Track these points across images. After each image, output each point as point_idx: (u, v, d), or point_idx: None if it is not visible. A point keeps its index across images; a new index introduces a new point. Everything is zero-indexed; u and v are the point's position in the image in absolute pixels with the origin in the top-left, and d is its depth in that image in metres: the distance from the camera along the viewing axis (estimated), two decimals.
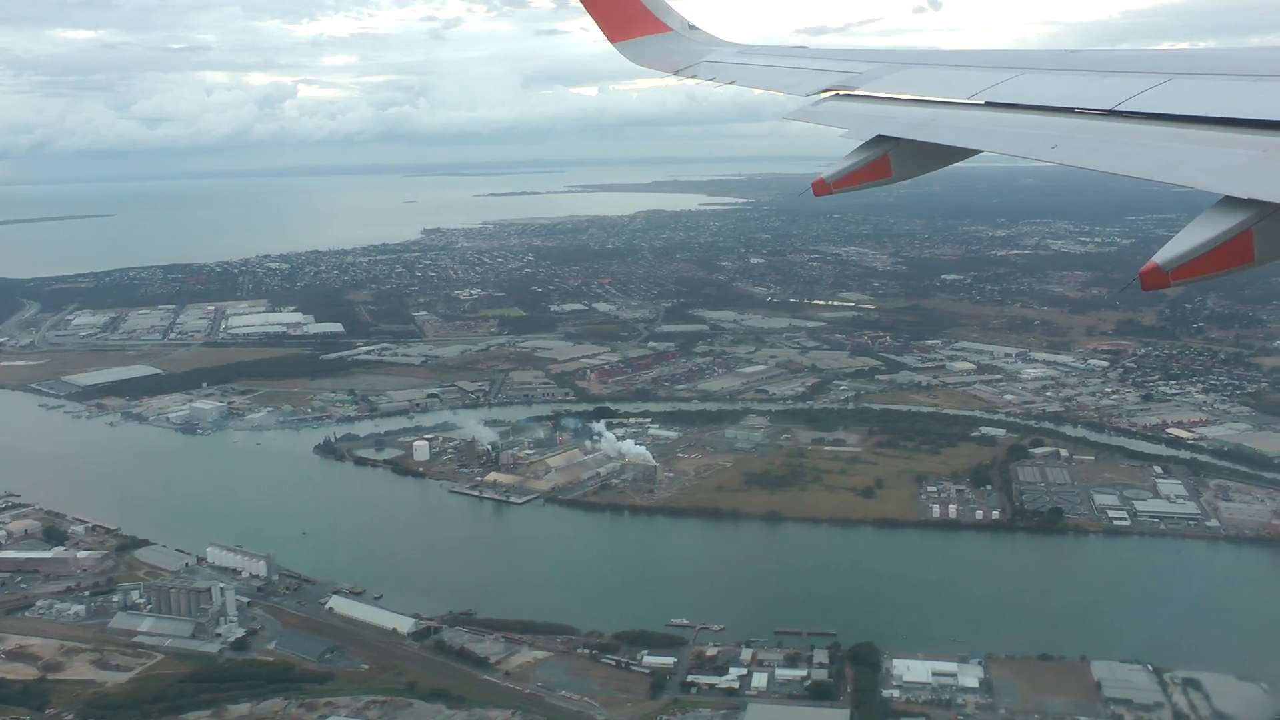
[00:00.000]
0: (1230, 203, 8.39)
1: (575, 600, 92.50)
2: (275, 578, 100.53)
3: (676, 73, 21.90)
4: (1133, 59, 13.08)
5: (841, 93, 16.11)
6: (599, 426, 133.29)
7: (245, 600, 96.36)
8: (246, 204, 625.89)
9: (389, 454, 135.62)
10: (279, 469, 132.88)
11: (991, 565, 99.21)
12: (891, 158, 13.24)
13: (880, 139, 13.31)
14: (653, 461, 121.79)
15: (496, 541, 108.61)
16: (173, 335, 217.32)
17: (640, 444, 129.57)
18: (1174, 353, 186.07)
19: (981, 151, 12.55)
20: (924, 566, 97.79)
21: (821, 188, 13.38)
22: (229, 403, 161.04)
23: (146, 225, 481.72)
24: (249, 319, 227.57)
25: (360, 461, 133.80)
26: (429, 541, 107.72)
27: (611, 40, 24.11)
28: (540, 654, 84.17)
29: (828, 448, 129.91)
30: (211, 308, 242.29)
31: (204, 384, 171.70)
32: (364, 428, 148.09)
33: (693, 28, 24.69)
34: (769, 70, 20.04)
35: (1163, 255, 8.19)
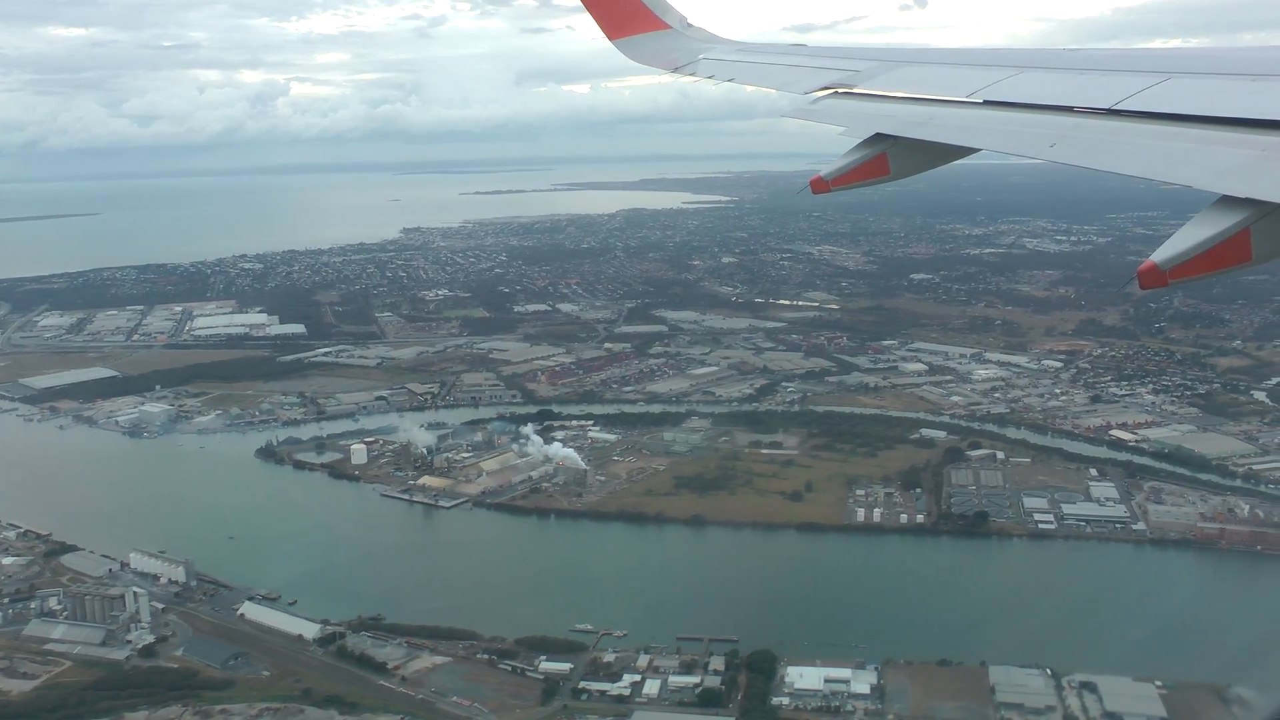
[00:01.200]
0: (1228, 202, 8.38)
1: (486, 604, 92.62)
2: (193, 583, 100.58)
3: (675, 70, 21.91)
4: (1131, 58, 13.13)
5: (840, 91, 16.14)
6: (526, 430, 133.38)
7: (161, 606, 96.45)
8: (233, 202, 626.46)
9: (329, 457, 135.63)
10: (218, 473, 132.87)
11: (907, 570, 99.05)
12: (890, 156, 13.27)
13: (879, 137, 13.38)
14: (582, 465, 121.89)
15: (418, 546, 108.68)
16: (137, 337, 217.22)
17: (572, 447, 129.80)
18: (1130, 353, 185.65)
19: (980, 150, 12.56)
20: (838, 571, 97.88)
21: (820, 186, 13.38)
22: (178, 406, 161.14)
23: (130, 224, 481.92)
24: (214, 320, 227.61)
25: (299, 465, 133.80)
26: (352, 545, 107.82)
27: (610, 38, 24.17)
28: (440, 659, 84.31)
29: (764, 450, 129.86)
30: (179, 309, 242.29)
31: (157, 386, 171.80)
32: (309, 430, 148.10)
33: (691, 25, 24.71)
34: (767, 68, 20.03)
35: (1161, 254, 8.17)
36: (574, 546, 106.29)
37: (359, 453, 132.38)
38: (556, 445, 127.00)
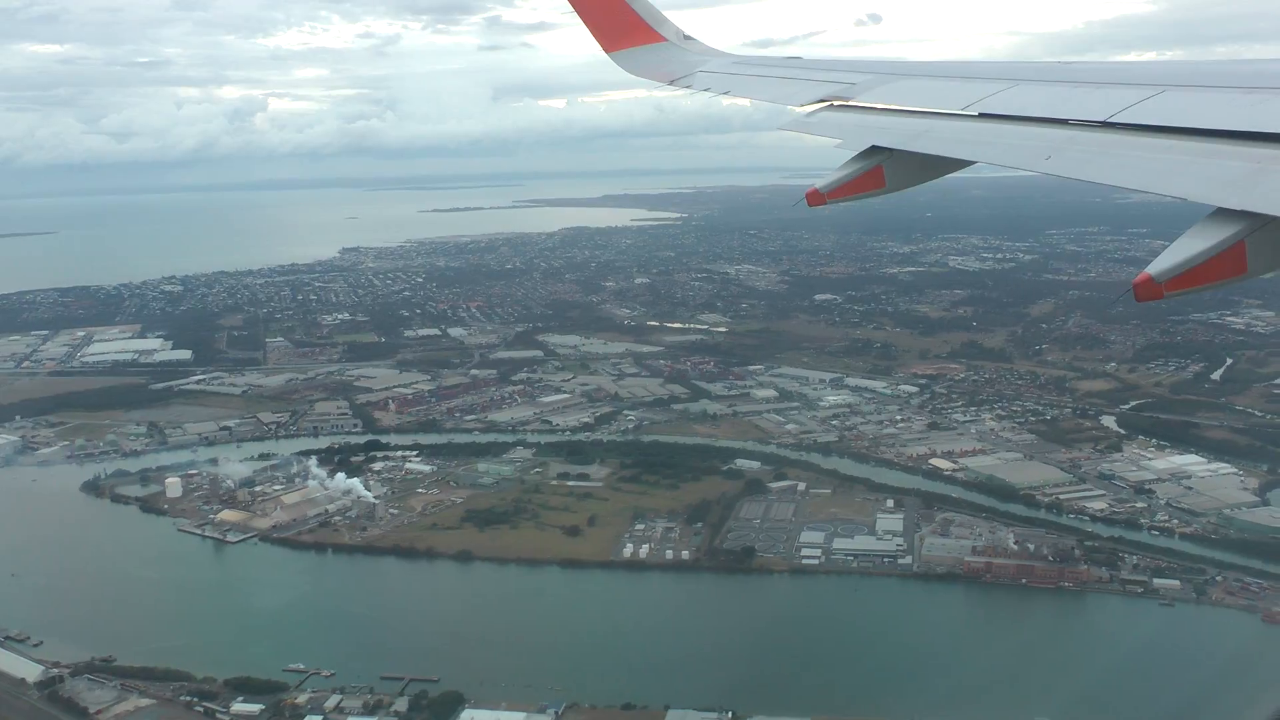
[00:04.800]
0: (1223, 214, 8.50)
1: (219, 642, 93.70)
2: None
3: (671, 83, 22.18)
4: (1126, 70, 13.37)
5: (836, 103, 16.36)
6: (310, 463, 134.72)
7: None
8: (197, 220, 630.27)
9: (151, 490, 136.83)
10: (32, 507, 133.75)
11: (643, 609, 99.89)
12: (885, 168, 13.40)
13: (874, 149, 13.54)
14: (370, 498, 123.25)
15: (187, 582, 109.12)
16: (27, 364, 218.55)
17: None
18: (993, 377, 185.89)
19: (975, 162, 12.66)
20: (572, 610, 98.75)
21: (815, 198, 13.55)
22: (30, 437, 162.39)
23: (82, 243, 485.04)
24: (110, 345, 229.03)
25: (117, 499, 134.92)
26: (123, 582, 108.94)
27: (606, 50, 24.48)
28: (146, 702, 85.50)
29: (570, 483, 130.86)
30: (82, 333, 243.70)
31: (17, 416, 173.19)
32: (149, 461, 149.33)
33: (688, 38, 24.96)
34: (763, 81, 20.26)
35: (1156, 266, 8.32)
36: (331, 582, 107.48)
37: (174, 486, 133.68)
38: (340, 477, 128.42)
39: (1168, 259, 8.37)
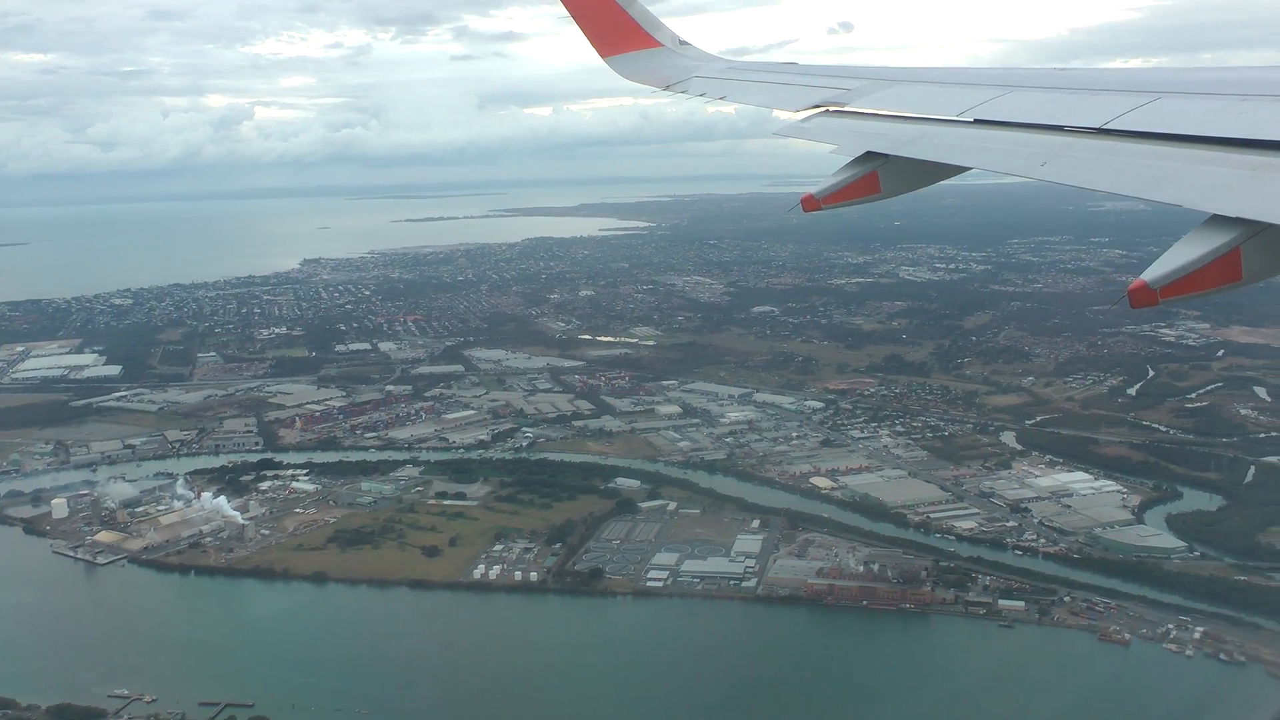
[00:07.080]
0: (1218, 221, 8.52)
1: (53, 668, 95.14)
2: None
3: (667, 88, 22.42)
4: (1121, 77, 13.45)
5: (831, 109, 16.49)
6: (179, 483, 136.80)
7: None
8: (172, 230, 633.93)
9: (42, 511, 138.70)
10: None
11: (473, 631, 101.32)
12: (880, 174, 13.52)
13: (869, 155, 13.69)
14: (239, 519, 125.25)
15: (42, 606, 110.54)
16: None
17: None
18: (902, 392, 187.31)
19: (970, 169, 12.82)
20: (402, 632, 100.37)
21: (811, 204, 13.73)
22: None
23: (49, 255, 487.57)
24: (45, 361, 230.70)
25: (3, 520, 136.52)
26: None
27: (603, 56, 24.80)
28: None
29: (447, 502, 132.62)
30: (21, 348, 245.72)
31: None
32: (48, 480, 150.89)
33: (683, 43, 25.26)
34: (759, 86, 20.35)
35: (1151, 273, 8.32)
36: (181, 605, 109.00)
37: (59, 507, 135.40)
38: (207, 497, 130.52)
39: (1163, 265, 8.41)
